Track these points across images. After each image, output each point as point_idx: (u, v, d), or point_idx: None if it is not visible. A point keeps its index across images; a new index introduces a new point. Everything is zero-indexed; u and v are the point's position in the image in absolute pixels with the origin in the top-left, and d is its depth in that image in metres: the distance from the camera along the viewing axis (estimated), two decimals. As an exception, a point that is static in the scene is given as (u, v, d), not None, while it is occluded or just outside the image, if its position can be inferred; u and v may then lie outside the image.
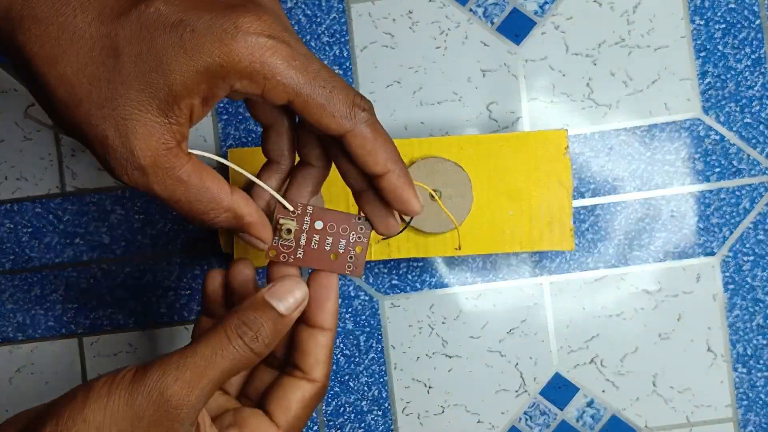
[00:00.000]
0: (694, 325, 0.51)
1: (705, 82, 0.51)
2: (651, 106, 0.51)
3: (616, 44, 0.52)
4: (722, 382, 0.51)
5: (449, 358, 0.52)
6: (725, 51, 0.51)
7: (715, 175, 0.51)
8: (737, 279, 0.51)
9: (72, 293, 0.53)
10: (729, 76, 0.51)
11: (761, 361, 0.51)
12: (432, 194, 0.45)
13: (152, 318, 0.53)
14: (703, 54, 0.51)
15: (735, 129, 0.51)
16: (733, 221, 0.51)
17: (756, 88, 0.51)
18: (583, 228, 0.52)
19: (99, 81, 0.28)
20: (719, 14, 0.51)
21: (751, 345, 0.51)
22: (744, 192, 0.51)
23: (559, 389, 0.52)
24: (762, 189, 0.51)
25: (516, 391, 0.52)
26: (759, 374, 0.51)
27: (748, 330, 0.51)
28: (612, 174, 0.52)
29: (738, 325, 0.51)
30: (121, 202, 0.53)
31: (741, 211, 0.51)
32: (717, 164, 0.51)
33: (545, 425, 0.52)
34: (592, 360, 0.52)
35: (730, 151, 0.51)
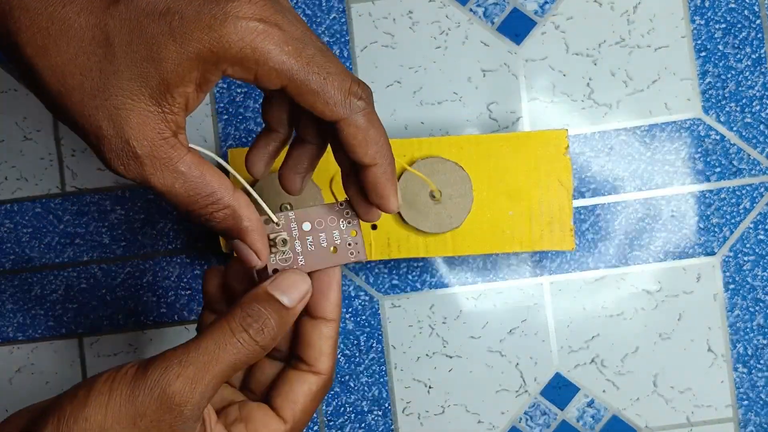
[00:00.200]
0: (695, 325, 0.51)
1: (705, 82, 0.51)
2: (651, 106, 0.51)
3: (617, 44, 0.52)
4: (723, 382, 0.51)
5: (449, 358, 0.52)
6: (725, 51, 0.51)
7: (716, 175, 0.51)
8: (738, 279, 0.51)
9: (72, 293, 0.53)
10: (729, 76, 0.51)
11: (762, 361, 0.51)
12: (433, 192, 0.45)
13: (152, 318, 0.53)
14: (704, 54, 0.51)
15: (735, 129, 0.51)
16: (734, 221, 0.51)
17: (756, 88, 0.51)
18: (584, 228, 0.52)
19: (90, 71, 0.27)
20: (719, 14, 0.51)
21: (752, 345, 0.51)
22: (744, 192, 0.51)
23: (560, 389, 0.52)
24: (762, 189, 0.51)
25: (516, 391, 0.52)
26: (759, 374, 0.51)
27: (749, 330, 0.51)
28: (612, 174, 0.52)
29: (738, 325, 0.51)
30: (121, 202, 0.53)
31: (741, 211, 0.51)
32: (717, 164, 0.51)
33: (545, 425, 0.52)
34: (593, 360, 0.52)
35: (731, 151, 0.51)
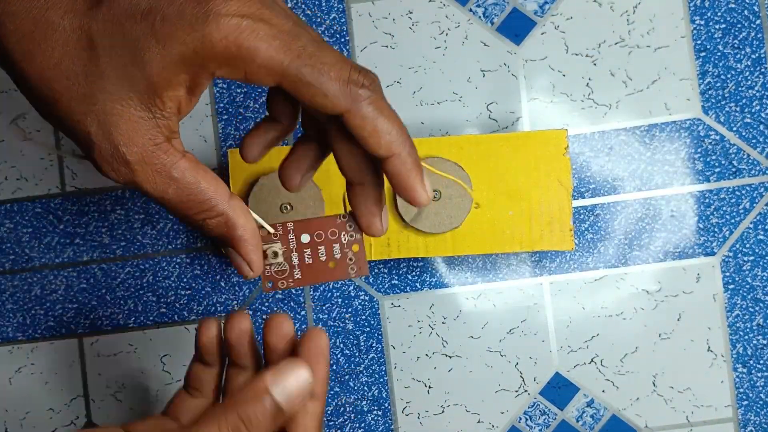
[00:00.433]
0: (694, 325, 0.51)
1: (705, 82, 0.51)
2: (651, 106, 0.51)
3: (616, 44, 0.52)
4: (722, 382, 0.51)
5: (449, 358, 0.52)
6: (725, 51, 0.51)
7: (715, 175, 0.51)
8: (737, 279, 0.51)
9: (72, 293, 0.53)
10: (729, 76, 0.51)
11: (761, 361, 0.51)
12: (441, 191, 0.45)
13: (152, 318, 0.53)
14: (703, 54, 0.51)
15: (735, 129, 0.51)
16: (733, 221, 0.51)
17: (756, 88, 0.51)
18: (583, 228, 0.52)
19: (76, 76, 0.26)
20: (719, 14, 0.51)
21: (752, 345, 0.51)
22: (744, 192, 0.51)
23: (559, 389, 0.52)
24: (762, 189, 0.51)
25: (516, 391, 0.52)
26: (759, 374, 0.51)
27: (749, 330, 0.51)
28: (612, 174, 0.52)
29: (738, 325, 0.51)
30: (121, 202, 0.53)
31: (741, 211, 0.51)
32: (717, 164, 0.51)
33: (545, 425, 0.52)
34: (592, 360, 0.52)
35: (730, 151, 0.51)
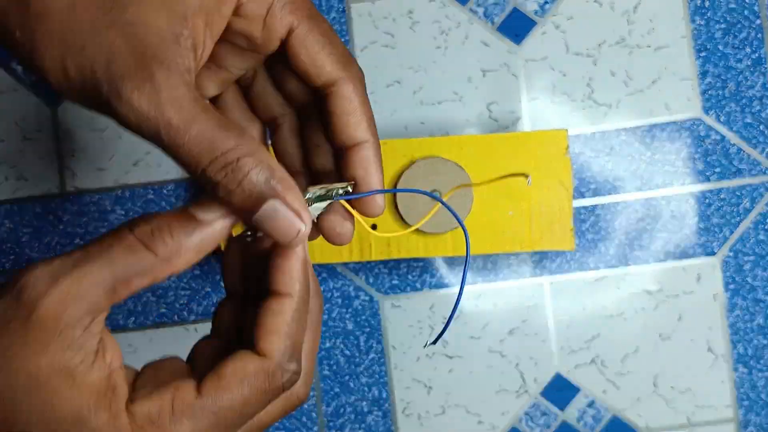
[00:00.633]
0: (695, 325, 0.51)
1: (705, 82, 0.51)
2: (651, 106, 0.51)
3: (617, 44, 0.52)
4: (723, 383, 0.51)
5: (450, 359, 0.52)
6: (725, 51, 0.51)
7: (716, 175, 0.51)
8: (738, 279, 0.51)
9: (72, 293, 0.53)
10: (729, 76, 0.51)
11: (762, 361, 0.51)
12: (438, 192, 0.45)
13: (152, 318, 0.53)
14: (704, 54, 0.51)
15: (735, 129, 0.51)
16: (734, 221, 0.51)
17: (756, 88, 0.51)
18: (584, 228, 0.52)
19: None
20: (719, 14, 0.51)
21: (752, 345, 0.51)
22: (744, 192, 0.51)
23: (560, 390, 0.52)
24: (762, 189, 0.51)
25: (516, 392, 0.52)
26: (760, 374, 0.51)
27: (749, 330, 0.51)
28: (612, 174, 0.52)
29: (739, 325, 0.51)
30: (121, 202, 0.53)
31: (741, 211, 0.51)
32: (717, 164, 0.51)
33: (546, 426, 0.52)
34: (593, 360, 0.51)
35: (731, 151, 0.51)
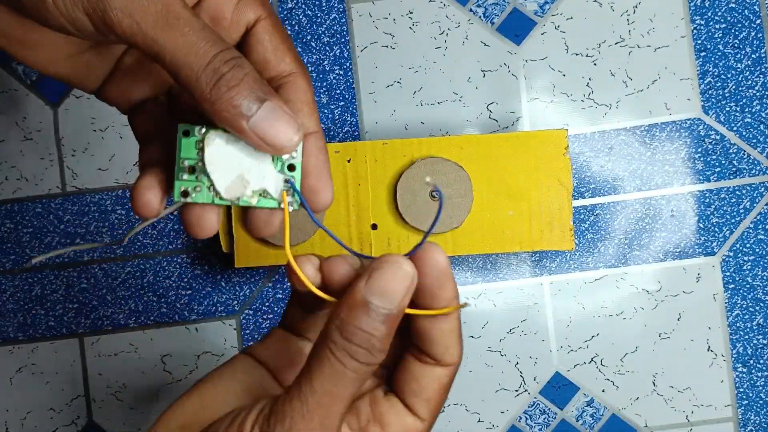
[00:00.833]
0: (695, 325, 0.51)
1: (705, 82, 0.51)
2: (651, 106, 0.51)
3: (616, 44, 0.52)
4: (722, 382, 0.51)
5: (449, 358, 0.52)
6: (725, 51, 0.51)
7: (716, 175, 0.51)
8: (737, 279, 0.51)
9: (72, 293, 0.53)
10: (729, 76, 0.51)
11: (761, 361, 0.51)
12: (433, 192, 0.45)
13: (152, 318, 0.53)
14: (704, 54, 0.51)
15: (735, 129, 0.51)
16: (734, 221, 0.51)
17: (756, 88, 0.51)
18: (583, 228, 0.52)
19: None
20: (719, 14, 0.51)
21: (752, 345, 0.51)
22: (744, 192, 0.51)
23: (559, 389, 0.52)
24: (762, 189, 0.51)
25: (516, 391, 0.52)
26: (759, 374, 0.51)
27: (749, 330, 0.51)
28: (612, 174, 0.52)
29: (738, 325, 0.51)
30: (122, 202, 0.53)
31: (741, 211, 0.51)
32: (717, 164, 0.51)
33: (545, 424, 0.52)
34: (592, 359, 0.52)
35: (731, 151, 0.51)
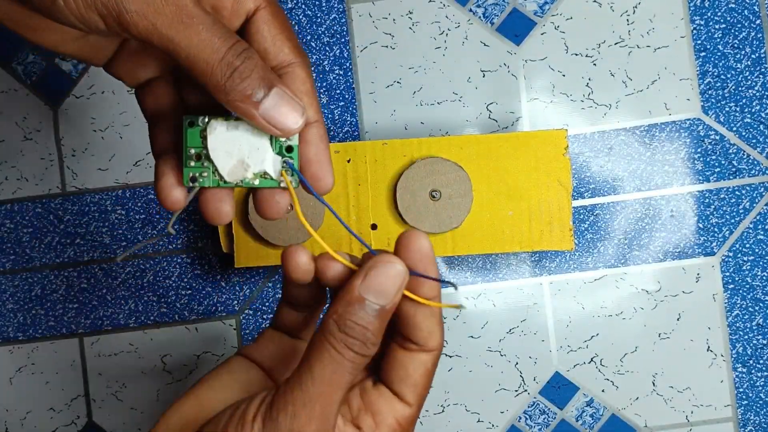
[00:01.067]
0: (694, 325, 0.51)
1: (705, 82, 0.51)
2: (651, 106, 0.51)
3: (616, 44, 0.52)
4: (722, 382, 0.51)
5: (449, 358, 0.52)
6: (725, 51, 0.51)
7: (715, 175, 0.51)
8: (737, 279, 0.51)
9: (72, 293, 0.53)
10: (729, 76, 0.51)
11: (761, 361, 0.51)
12: (434, 192, 0.45)
13: (152, 318, 0.53)
14: (703, 54, 0.51)
15: (735, 129, 0.51)
16: (733, 221, 0.51)
17: (756, 88, 0.51)
18: (583, 228, 0.52)
19: None
20: (719, 14, 0.51)
21: (751, 345, 0.51)
22: (744, 192, 0.51)
23: (559, 389, 0.52)
24: (762, 189, 0.51)
25: (516, 391, 0.52)
26: (759, 374, 0.51)
27: (748, 330, 0.51)
28: (612, 174, 0.52)
29: (738, 325, 0.51)
30: (122, 202, 0.53)
31: (741, 211, 0.51)
32: (717, 164, 0.51)
33: (545, 424, 0.52)
34: (592, 359, 0.52)
35: (730, 151, 0.51)
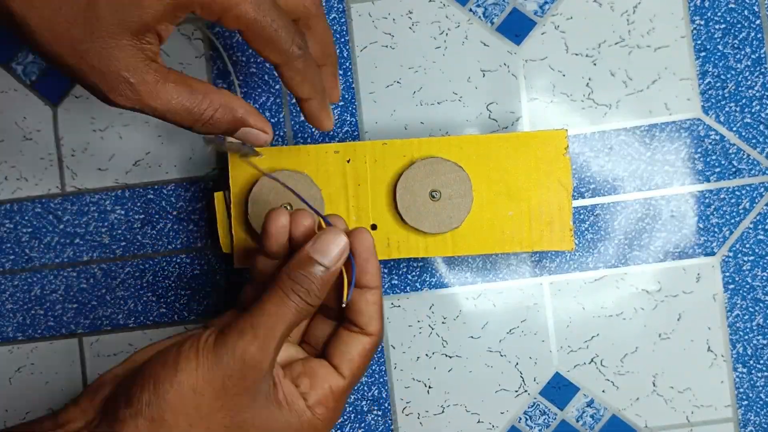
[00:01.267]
0: (694, 325, 0.51)
1: (705, 82, 0.51)
2: (651, 106, 0.51)
3: (616, 44, 0.52)
4: (722, 382, 0.51)
5: (449, 358, 0.52)
6: (725, 51, 0.51)
7: (715, 175, 0.51)
8: (737, 279, 0.51)
9: (72, 293, 0.53)
10: (729, 76, 0.51)
11: (761, 361, 0.51)
12: (434, 192, 0.45)
13: (152, 318, 0.53)
14: (703, 54, 0.51)
15: (735, 129, 0.51)
16: (733, 221, 0.51)
17: (756, 88, 0.51)
18: (583, 228, 0.52)
19: (76, 20, 0.31)
20: (719, 14, 0.51)
21: (752, 345, 0.51)
22: (744, 192, 0.51)
23: (559, 389, 0.52)
24: (762, 189, 0.51)
25: (516, 391, 0.52)
26: (759, 374, 0.51)
27: (749, 330, 0.51)
28: (612, 174, 0.52)
29: (738, 325, 0.51)
30: (121, 202, 0.53)
31: (741, 211, 0.51)
32: (717, 164, 0.51)
33: (545, 425, 0.52)
34: (592, 360, 0.52)
35: (730, 151, 0.51)
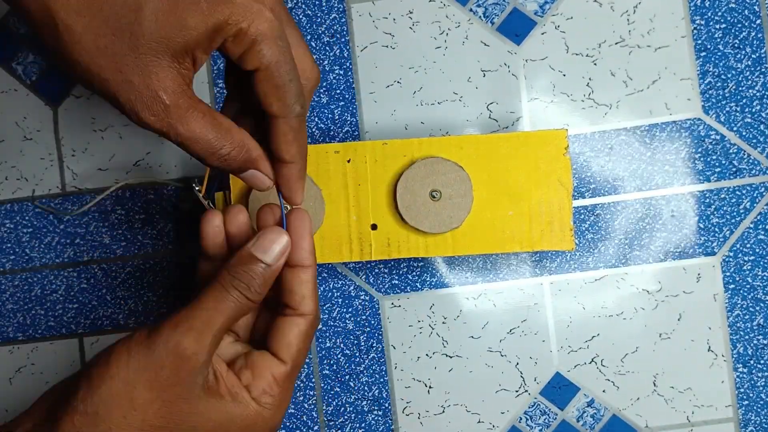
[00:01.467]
0: (695, 325, 0.51)
1: (705, 82, 0.51)
2: (651, 106, 0.51)
3: (617, 44, 0.52)
4: (723, 382, 0.51)
5: (449, 358, 0.52)
6: (726, 51, 0.51)
7: (716, 175, 0.51)
8: (738, 279, 0.51)
9: (72, 293, 0.53)
10: (729, 76, 0.51)
11: (762, 361, 0.51)
12: (434, 192, 0.45)
13: (152, 318, 0.53)
14: (704, 54, 0.51)
15: (735, 129, 0.51)
16: (734, 221, 0.51)
17: (756, 88, 0.51)
18: (584, 228, 0.52)
19: (122, 32, 0.30)
20: (720, 14, 0.51)
21: (752, 345, 0.51)
22: (744, 192, 0.51)
23: (560, 389, 0.52)
24: (762, 189, 0.51)
25: (516, 391, 0.52)
26: (760, 374, 0.51)
27: (749, 330, 0.51)
28: (612, 174, 0.52)
29: (738, 325, 0.51)
30: (121, 202, 0.53)
31: (741, 211, 0.51)
32: (717, 164, 0.51)
33: (545, 425, 0.52)
34: (593, 360, 0.52)
35: (731, 151, 0.51)
